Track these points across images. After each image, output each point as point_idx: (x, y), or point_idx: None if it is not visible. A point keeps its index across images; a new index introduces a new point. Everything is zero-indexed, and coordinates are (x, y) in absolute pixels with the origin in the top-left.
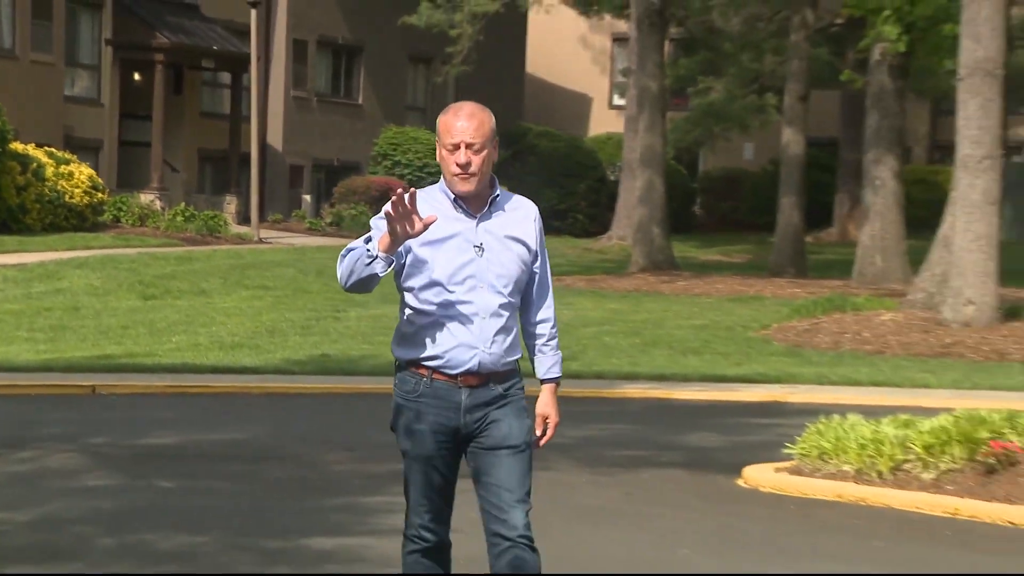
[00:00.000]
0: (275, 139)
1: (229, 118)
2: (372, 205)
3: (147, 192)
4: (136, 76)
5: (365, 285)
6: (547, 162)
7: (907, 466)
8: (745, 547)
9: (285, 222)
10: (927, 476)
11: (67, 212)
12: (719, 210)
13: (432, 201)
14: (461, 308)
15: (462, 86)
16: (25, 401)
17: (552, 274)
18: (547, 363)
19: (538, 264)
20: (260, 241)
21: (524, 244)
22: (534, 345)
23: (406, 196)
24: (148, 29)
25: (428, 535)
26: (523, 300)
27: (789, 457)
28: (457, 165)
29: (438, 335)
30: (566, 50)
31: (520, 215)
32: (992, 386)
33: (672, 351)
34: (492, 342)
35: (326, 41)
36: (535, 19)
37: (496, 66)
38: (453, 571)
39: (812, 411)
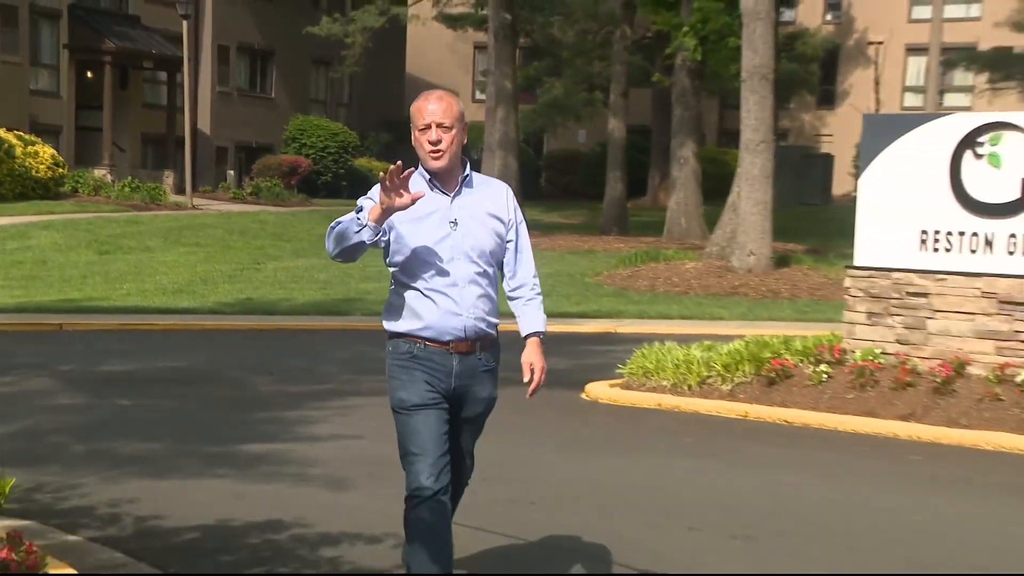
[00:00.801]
0: (204, 125)
1: (166, 108)
2: (284, 178)
3: (100, 168)
4: (89, 74)
5: (352, 253)
6: None
7: (710, 380)
8: (589, 445)
9: (213, 192)
10: (725, 387)
11: (34, 184)
12: (560, 182)
13: (412, 184)
14: (442, 278)
15: (355, 83)
16: (3, 336)
17: None
18: (528, 319)
19: (513, 234)
20: (193, 207)
21: (498, 219)
22: (516, 305)
23: (402, 171)
24: (98, 36)
25: (428, 483)
26: (503, 268)
27: (620, 375)
28: (429, 143)
29: (424, 305)
30: (437, 55)
31: (493, 192)
32: (769, 317)
33: None
34: (474, 307)
35: (244, 47)
36: (413, 31)
37: (381, 67)
38: None
39: (637, 339)
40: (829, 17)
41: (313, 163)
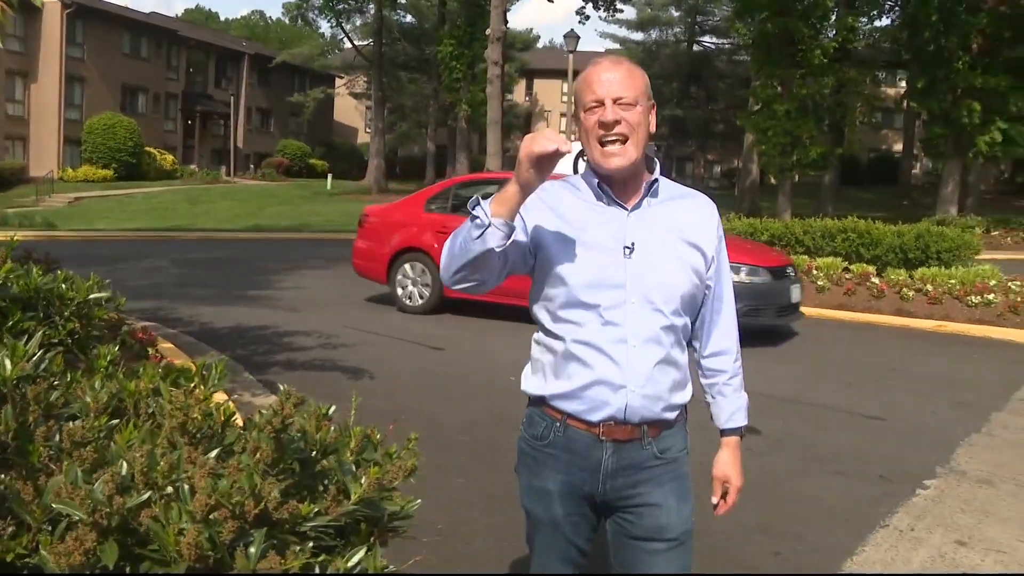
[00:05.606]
0: (240, 144)
1: (222, 136)
2: (275, 168)
3: (192, 164)
4: (189, 121)
5: (476, 269)
6: (343, 153)
7: None
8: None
9: (243, 175)
10: None
11: (163, 172)
12: (406, 171)
13: (570, 189)
14: (604, 331)
15: (309, 124)
16: (149, 242)
17: (333, 194)
18: (729, 408)
19: (713, 275)
20: (233, 183)
21: (698, 248)
22: (711, 384)
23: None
24: (193, 104)
25: None
26: (694, 324)
27: None
28: (601, 125)
29: (572, 367)
30: (347, 109)
31: (692, 208)
32: None
33: None
34: (648, 379)
35: (258, 108)
36: (337, 99)
37: (321, 115)
38: None
39: None
40: (527, 97)
41: (289, 161)
